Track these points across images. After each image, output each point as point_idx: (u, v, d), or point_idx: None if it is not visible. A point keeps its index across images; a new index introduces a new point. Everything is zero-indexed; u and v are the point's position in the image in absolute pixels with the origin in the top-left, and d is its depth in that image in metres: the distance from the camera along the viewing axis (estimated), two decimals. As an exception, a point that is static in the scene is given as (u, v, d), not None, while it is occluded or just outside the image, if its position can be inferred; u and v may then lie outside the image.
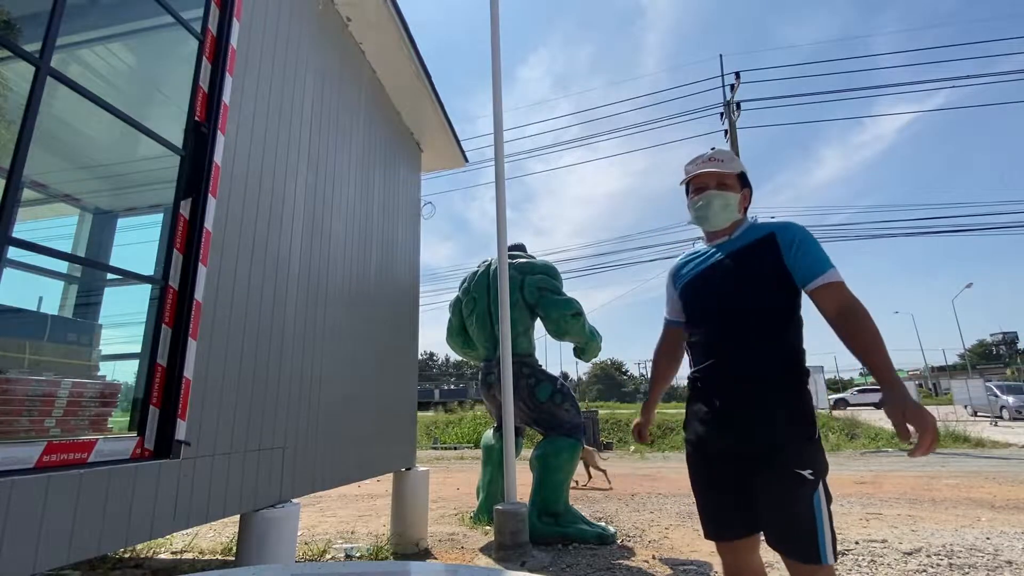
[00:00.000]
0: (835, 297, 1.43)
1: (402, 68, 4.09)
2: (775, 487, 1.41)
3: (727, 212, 1.65)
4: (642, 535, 4.26)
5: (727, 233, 1.68)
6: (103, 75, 2.79)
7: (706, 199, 1.65)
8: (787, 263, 1.51)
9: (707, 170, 1.66)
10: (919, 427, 1.21)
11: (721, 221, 1.66)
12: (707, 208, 1.65)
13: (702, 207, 1.66)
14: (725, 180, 1.66)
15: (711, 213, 1.65)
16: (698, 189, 1.68)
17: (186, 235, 2.03)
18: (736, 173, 1.69)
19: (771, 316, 1.52)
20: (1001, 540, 3.73)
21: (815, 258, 1.48)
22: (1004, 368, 45.13)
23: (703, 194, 1.66)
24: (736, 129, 16.22)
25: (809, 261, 1.48)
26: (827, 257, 1.48)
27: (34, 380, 1.81)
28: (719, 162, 1.67)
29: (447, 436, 17.34)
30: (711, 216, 1.66)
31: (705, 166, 1.68)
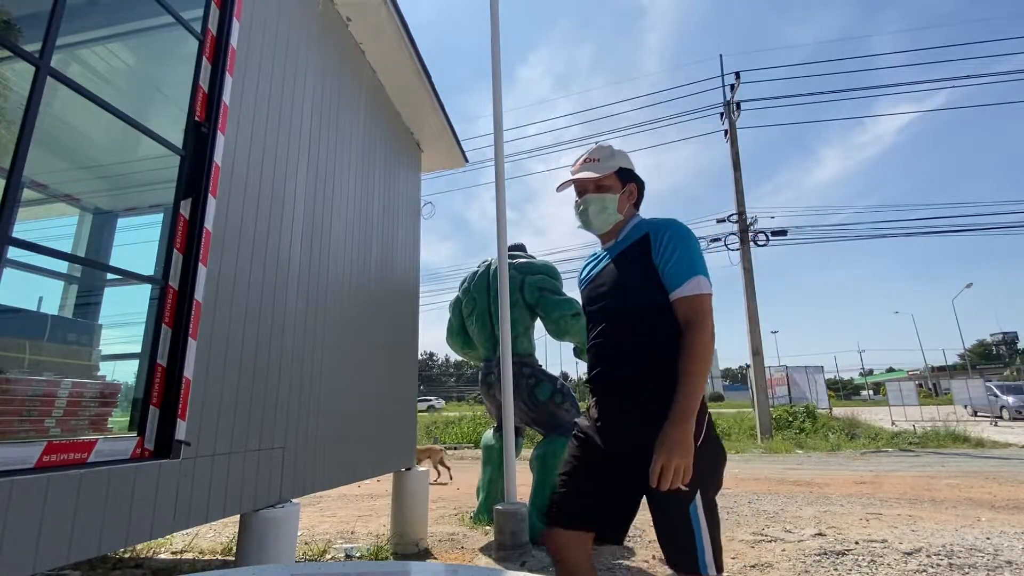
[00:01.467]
0: (684, 311, 1.39)
1: (402, 68, 4.08)
2: (654, 494, 1.37)
3: (605, 215, 1.60)
4: (642, 535, 4.26)
5: (614, 235, 1.63)
6: (103, 75, 2.79)
7: (583, 203, 1.61)
8: (655, 264, 1.46)
9: (583, 175, 1.60)
10: (666, 467, 1.25)
11: (601, 224, 1.61)
12: (585, 213, 1.61)
13: (581, 212, 1.62)
14: (602, 182, 1.59)
15: (590, 217, 1.61)
16: (578, 193, 1.64)
17: (186, 235, 2.03)
18: (614, 171, 1.61)
19: (647, 317, 1.46)
20: (1001, 540, 3.73)
21: (680, 265, 1.42)
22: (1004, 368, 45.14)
23: (581, 199, 1.62)
24: (736, 129, 16.22)
25: (674, 267, 1.43)
26: (695, 263, 1.42)
27: (34, 380, 1.81)
28: (595, 163, 1.62)
29: (447, 436, 17.34)
30: (591, 220, 1.61)
31: (580, 169, 1.62)
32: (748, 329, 14.60)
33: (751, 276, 15.00)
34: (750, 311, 14.63)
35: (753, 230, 15.38)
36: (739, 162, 15.92)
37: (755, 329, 14.54)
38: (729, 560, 3.47)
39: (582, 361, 5.39)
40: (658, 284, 1.45)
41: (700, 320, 1.36)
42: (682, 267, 1.41)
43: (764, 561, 3.40)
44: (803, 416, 15.30)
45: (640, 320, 1.47)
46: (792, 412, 15.68)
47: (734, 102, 16.33)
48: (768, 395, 15.00)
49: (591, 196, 1.59)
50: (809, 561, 3.37)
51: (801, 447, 12.47)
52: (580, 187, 1.63)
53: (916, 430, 13.94)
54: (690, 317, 1.38)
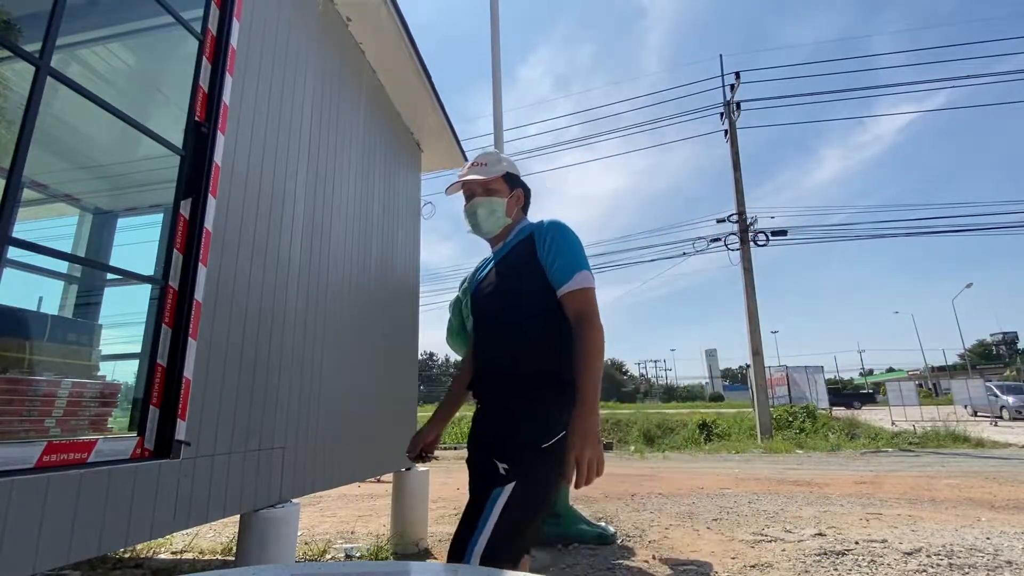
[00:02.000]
0: (574, 305, 1.40)
1: (402, 68, 4.08)
2: (480, 483, 1.39)
3: (494, 218, 1.61)
4: (642, 535, 4.26)
5: (503, 238, 1.65)
6: (103, 75, 2.79)
7: (472, 207, 1.62)
8: (541, 263, 1.47)
9: (470, 178, 1.61)
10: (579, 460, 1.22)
11: (490, 227, 1.62)
12: (474, 216, 1.62)
13: (470, 215, 1.63)
14: (490, 185, 1.61)
15: (479, 220, 1.61)
16: (467, 197, 1.65)
17: (186, 235, 2.03)
18: (501, 175, 1.63)
19: (527, 319, 1.46)
20: (1001, 540, 3.72)
21: (565, 260, 1.44)
22: (1004, 368, 45.14)
23: (470, 202, 1.63)
24: (736, 129, 16.23)
25: (559, 264, 1.44)
26: (579, 259, 1.44)
27: (34, 380, 1.81)
28: (482, 167, 1.62)
29: (447, 436, 17.36)
30: (480, 223, 1.62)
31: (468, 173, 1.63)
32: (748, 329, 14.60)
33: (751, 276, 15.00)
34: (750, 311, 14.63)
35: (753, 230, 15.38)
36: (739, 162, 15.92)
37: (755, 329, 14.53)
38: (729, 560, 3.47)
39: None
40: (544, 284, 1.46)
41: (591, 312, 1.39)
42: (567, 263, 1.43)
43: (764, 561, 3.40)
44: (803, 416, 15.31)
45: (528, 319, 1.46)
46: (792, 412, 15.68)
47: (734, 102, 16.34)
48: (768, 395, 15.00)
49: (480, 199, 1.61)
50: (809, 561, 3.37)
51: (801, 447, 12.48)
52: (468, 190, 1.64)
53: (916, 430, 13.95)
54: (581, 310, 1.39)
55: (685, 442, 14.55)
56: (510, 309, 1.50)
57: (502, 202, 1.61)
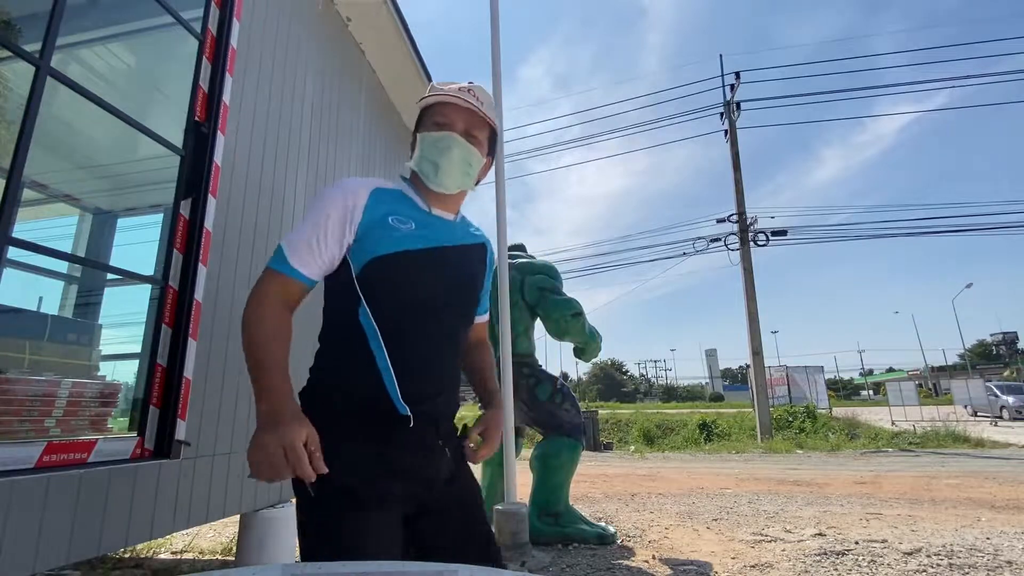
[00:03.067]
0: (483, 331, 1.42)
1: (402, 68, 4.09)
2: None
3: (465, 176, 1.18)
4: (642, 535, 4.26)
5: (450, 208, 1.22)
6: (103, 75, 2.79)
7: (448, 142, 1.14)
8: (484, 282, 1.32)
9: (465, 103, 1.15)
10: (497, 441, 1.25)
11: (452, 183, 1.16)
12: (446, 155, 1.14)
13: (441, 151, 1.14)
14: (476, 131, 1.18)
15: (448, 165, 1.14)
16: (440, 124, 1.17)
17: (186, 235, 2.03)
18: (492, 125, 1.22)
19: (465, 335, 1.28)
20: (1001, 540, 3.72)
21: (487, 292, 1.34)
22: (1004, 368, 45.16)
23: (446, 134, 1.15)
24: (736, 129, 16.23)
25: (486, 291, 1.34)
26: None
27: (34, 380, 1.81)
28: (479, 102, 1.17)
29: (447, 436, 17.35)
30: (446, 169, 1.14)
31: (464, 97, 1.16)
32: (748, 329, 14.60)
33: (751, 276, 15.00)
34: (750, 311, 14.63)
35: (753, 230, 15.38)
36: (739, 162, 15.92)
37: (755, 329, 14.54)
38: (729, 560, 3.47)
39: (583, 361, 5.39)
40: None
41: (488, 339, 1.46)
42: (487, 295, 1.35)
43: (764, 561, 3.40)
44: (803, 416, 15.31)
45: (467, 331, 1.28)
46: (792, 412, 15.69)
47: (734, 102, 16.34)
48: (768, 395, 15.00)
49: (462, 140, 1.15)
50: (809, 561, 3.37)
51: (801, 447, 12.47)
52: (444, 119, 1.17)
53: (916, 430, 13.95)
54: (485, 336, 1.43)
55: (685, 442, 14.55)
56: (468, 318, 1.26)
57: (480, 161, 1.20)
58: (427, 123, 1.20)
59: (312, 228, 1.06)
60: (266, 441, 0.89)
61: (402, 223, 1.12)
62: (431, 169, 1.16)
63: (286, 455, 0.88)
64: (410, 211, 1.15)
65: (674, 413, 19.19)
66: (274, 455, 0.88)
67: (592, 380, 64.85)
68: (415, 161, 1.19)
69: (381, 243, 1.08)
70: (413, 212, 1.15)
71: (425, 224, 1.15)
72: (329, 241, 1.07)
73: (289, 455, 0.88)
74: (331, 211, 1.07)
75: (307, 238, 1.06)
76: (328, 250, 1.08)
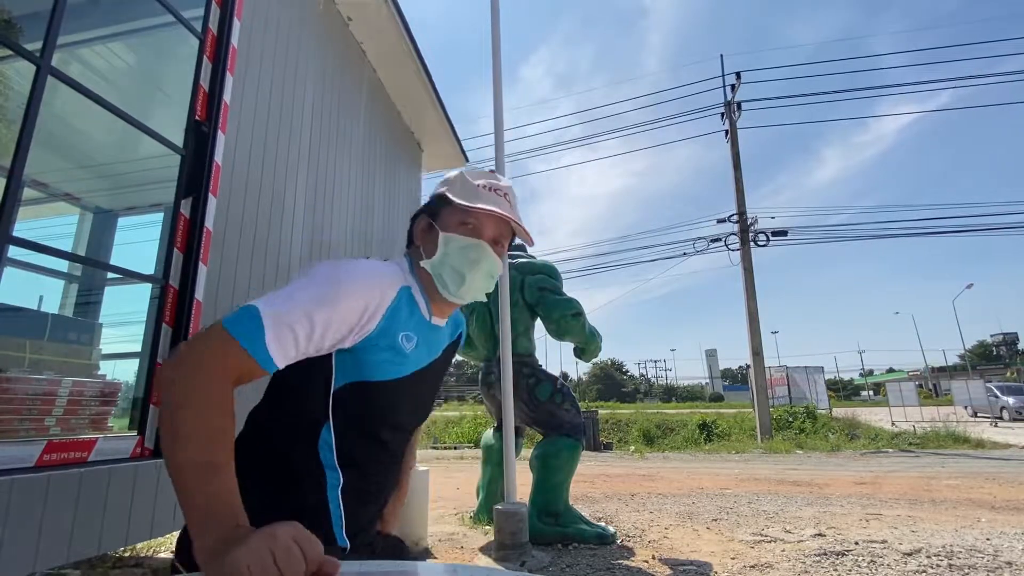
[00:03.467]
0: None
1: (403, 67, 4.08)
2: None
3: (483, 292, 1.02)
4: (642, 535, 4.26)
5: (448, 313, 1.06)
6: (104, 74, 2.79)
7: (479, 254, 0.96)
8: None
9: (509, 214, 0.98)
10: None
11: (472, 297, 1.00)
12: (475, 269, 0.96)
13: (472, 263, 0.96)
14: (504, 239, 1.02)
15: (474, 279, 0.97)
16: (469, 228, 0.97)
17: (187, 234, 2.03)
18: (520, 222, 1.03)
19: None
20: (1001, 541, 3.72)
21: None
22: (1004, 369, 45.16)
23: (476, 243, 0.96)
24: (737, 129, 16.23)
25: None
26: None
27: (34, 379, 1.81)
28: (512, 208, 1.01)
29: (447, 436, 17.35)
30: (471, 283, 0.97)
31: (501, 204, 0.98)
32: (748, 329, 14.60)
33: (751, 276, 15.00)
34: (750, 311, 14.63)
35: (753, 230, 15.38)
36: (739, 162, 15.92)
37: (755, 329, 14.54)
38: (729, 560, 3.47)
39: (583, 361, 5.39)
40: None
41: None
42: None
43: (764, 561, 3.40)
44: (803, 416, 15.31)
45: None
46: (792, 412, 15.69)
47: (735, 102, 16.34)
48: (768, 395, 15.00)
49: (490, 251, 0.98)
50: (809, 561, 3.37)
51: (801, 447, 12.47)
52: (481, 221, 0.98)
53: (916, 431, 13.95)
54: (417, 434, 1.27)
55: (685, 442, 14.55)
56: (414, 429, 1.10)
57: (500, 273, 1.04)
58: (452, 221, 0.97)
59: (311, 314, 0.79)
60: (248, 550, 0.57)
61: (408, 341, 0.94)
62: (456, 281, 0.96)
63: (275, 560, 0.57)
64: (417, 324, 0.97)
65: (674, 413, 19.19)
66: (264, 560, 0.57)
67: (592, 380, 64.86)
68: (436, 265, 0.96)
69: (380, 367, 0.89)
70: (419, 325, 0.97)
71: (425, 340, 0.99)
72: (326, 340, 0.83)
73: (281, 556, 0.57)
74: (347, 304, 0.83)
75: (301, 325, 0.79)
76: (316, 348, 0.83)
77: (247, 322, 0.78)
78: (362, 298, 0.84)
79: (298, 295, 0.81)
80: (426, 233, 1.01)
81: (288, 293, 0.82)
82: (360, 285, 0.85)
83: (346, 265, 0.87)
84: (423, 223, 1.02)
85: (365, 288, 0.85)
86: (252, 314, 0.78)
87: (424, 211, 1.04)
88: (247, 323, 0.78)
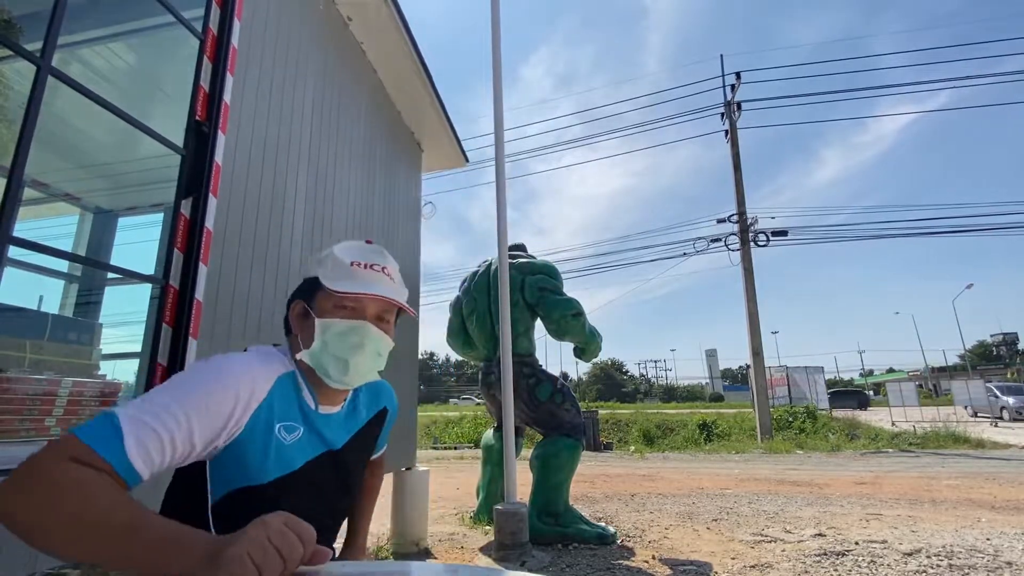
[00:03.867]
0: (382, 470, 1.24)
1: (403, 68, 4.09)
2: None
3: (375, 369, 0.94)
4: (642, 535, 4.26)
5: (340, 400, 0.98)
6: (104, 74, 2.79)
7: (360, 336, 0.89)
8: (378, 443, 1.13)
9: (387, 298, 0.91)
10: None
11: (360, 380, 0.93)
12: (358, 353, 0.89)
13: (353, 347, 0.89)
14: (388, 314, 0.94)
15: (358, 362, 0.89)
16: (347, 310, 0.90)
17: (187, 234, 2.03)
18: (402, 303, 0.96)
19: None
20: (1001, 541, 3.72)
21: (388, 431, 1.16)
22: (1004, 369, 45.16)
23: (357, 324, 0.89)
24: (736, 129, 16.23)
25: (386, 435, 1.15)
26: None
27: (34, 379, 1.81)
28: (393, 282, 0.95)
29: (447, 436, 17.35)
30: (356, 367, 0.89)
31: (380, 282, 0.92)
32: (748, 329, 14.61)
33: (751, 276, 15.00)
34: (750, 311, 14.63)
35: (753, 230, 15.39)
36: (739, 162, 15.93)
37: (755, 329, 14.54)
38: (729, 560, 3.47)
39: (583, 361, 5.40)
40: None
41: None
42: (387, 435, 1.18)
43: (764, 561, 3.40)
44: (803, 416, 15.32)
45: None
46: (792, 412, 15.70)
47: (735, 102, 16.35)
48: (768, 395, 15.00)
49: (375, 331, 0.91)
50: (809, 561, 3.37)
51: (801, 447, 12.48)
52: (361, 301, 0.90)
53: (916, 431, 13.95)
54: (380, 472, 1.24)
55: (685, 442, 14.56)
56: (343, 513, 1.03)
57: (390, 348, 0.95)
58: (328, 305, 0.90)
59: (175, 414, 0.71)
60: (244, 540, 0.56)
61: (290, 432, 0.86)
62: (338, 368, 0.89)
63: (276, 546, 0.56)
64: (300, 414, 0.89)
65: (674, 413, 19.19)
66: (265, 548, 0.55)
67: (592, 380, 64.86)
68: (315, 355, 0.89)
69: (255, 467, 0.81)
70: (305, 415, 0.90)
71: (312, 428, 0.91)
72: (196, 441, 0.73)
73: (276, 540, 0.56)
74: (216, 399, 0.76)
75: (165, 427, 0.70)
76: (184, 451, 0.73)
77: (102, 428, 0.68)
78: (232, 391, 0.78)
79: (159, 397, 0.73)
80: (302, 320, 0.94)
81: (149, 396, 0.73)
82: (230, 379, 0.79)
83: (216, 360, 0.82)
84: (298, 309, 0.95)
85: (235, 382, 0.79)
86: (108, 419, 0.68)
87: (298, 295, 0.96)
88: (102, 429, 0.67)
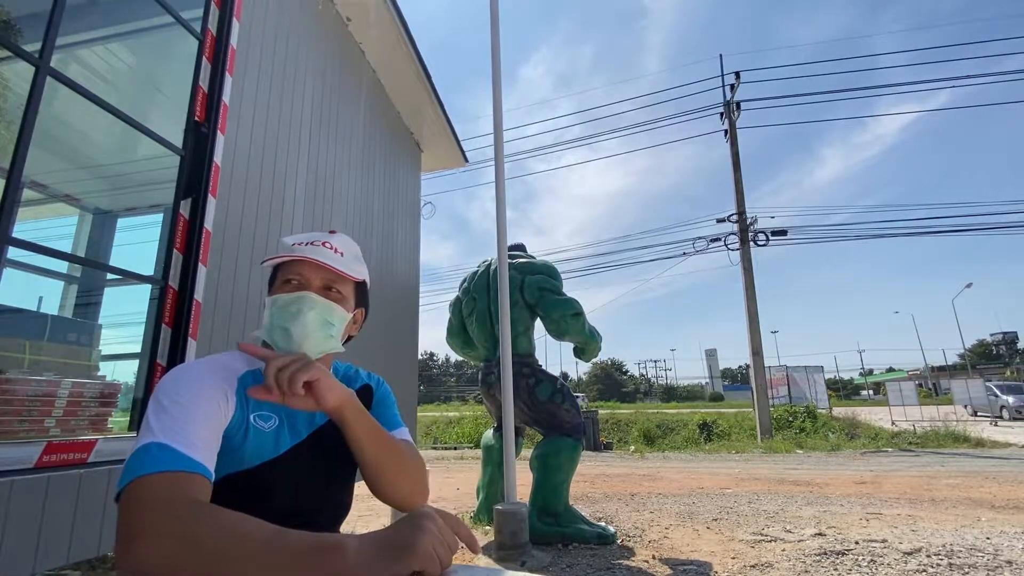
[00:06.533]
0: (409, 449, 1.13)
1: (402, 68, 4.09)
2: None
3: (328, 339, 0.95)
4: (642, 535, 4.26)
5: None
6: (103, 75, 2.79)
7: (300, 304, 0.92)
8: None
9: (319, 260, 0.94)
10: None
11: (310, 349, 0.93)
12: (299, 320, 0.91)
13: (293, 315, 0.91)
14: (339, 286, 0.97)
15: (302, 331, 0.92)
16: (292, 283, 0.94)
17: (186, 235, 2.03)
18: (359, 280, 1.02)
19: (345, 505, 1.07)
20: (1001, 540, 3.72)
21: (395, 412, 1.13)
22: (1004, 368, 45.19)
23: (298, 295, 0.93)
24: (736, 129, 16.23)
25: (391, 414, 1.11)
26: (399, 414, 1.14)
27: (34, 380, 1.81)
28: (338, 255, 0.98)
29: (447, 436, 17.36)
30: (300, 336, 0.91)
31: (318, 252, 0.95)
32: (748, 329, 14.60)
33: (751, 276, 15.01)
34: (750, 311, 14.63)
35: (753, 230, 15.39)
36: (739, 162, 15.93)
37: (755, 329, 14.54)
38: (729, 560, 3.47)
39: (583, 361, 5.40)
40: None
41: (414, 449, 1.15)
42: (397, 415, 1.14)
43: (764, 561, 3.40)
44: (803, 416, 15.32)
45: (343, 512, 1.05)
46: (792, 412, 15.70)
47: (734, 102, 16.34)
48: (768, 395, 15.00)
49: (317, 299, 0.93)
50: (809, 561, 3.37)
51: (801, 447, 12.48)
52: (304, 276, 0.95)
53: (916, 430, 13.95)
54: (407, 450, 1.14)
55: (685, 442, 14.56)
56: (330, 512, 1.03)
57: (345, 317, 0.98)
58: (277, 283, 0.96)
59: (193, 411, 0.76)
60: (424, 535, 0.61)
61: (265, 420, 0.89)
62: (283, 337, 0.91)
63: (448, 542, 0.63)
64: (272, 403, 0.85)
65: (674, 413, 19.19)
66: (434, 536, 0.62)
67: (592, 380, 64.87)
68: (266, 330, 0.93)
69: (235, 455, 0.84)
70: (276, 405, 0.85)
71: (288, 415, 0.93)
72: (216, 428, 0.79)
73: (447, 536, 0.64)
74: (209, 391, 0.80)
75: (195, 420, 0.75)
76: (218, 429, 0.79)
77: (151, 455, 0.71)
78: (209, 379, 0.82)
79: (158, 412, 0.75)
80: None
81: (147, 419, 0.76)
82: (201, 371, 0.83)
83: (187, 365, 0.86)
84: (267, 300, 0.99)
85: (208, 373, 0.83)
86: (145, 449, 0.71)
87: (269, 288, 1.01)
88: (152, 455, 0.70)
